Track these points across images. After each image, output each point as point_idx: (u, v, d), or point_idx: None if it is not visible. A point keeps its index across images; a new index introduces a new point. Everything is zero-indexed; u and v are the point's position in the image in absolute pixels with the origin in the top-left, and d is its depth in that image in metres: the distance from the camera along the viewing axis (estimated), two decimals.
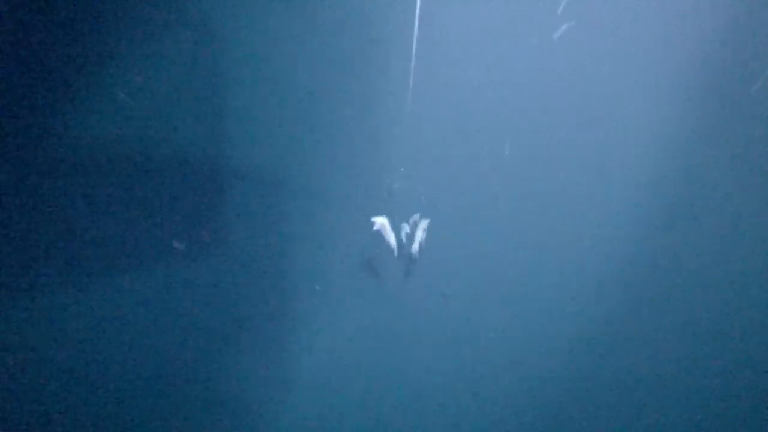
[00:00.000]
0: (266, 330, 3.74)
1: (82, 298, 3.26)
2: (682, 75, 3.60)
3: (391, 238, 3.50)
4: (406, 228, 3.56)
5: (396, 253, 3.55)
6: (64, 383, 3.30)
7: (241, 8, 3.25)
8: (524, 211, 3.71)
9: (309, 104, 3.48)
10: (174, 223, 3.38)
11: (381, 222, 3.39)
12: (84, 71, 2.99)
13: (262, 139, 3.48)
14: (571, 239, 3.74)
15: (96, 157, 3.12)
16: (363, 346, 3.82)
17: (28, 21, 2.84)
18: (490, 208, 3.68)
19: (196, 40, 3.21)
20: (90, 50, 2.97)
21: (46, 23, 2.86)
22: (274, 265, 3.68)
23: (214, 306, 3.57)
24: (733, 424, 3.80)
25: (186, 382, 3.57)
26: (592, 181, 3.71)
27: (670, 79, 3.61)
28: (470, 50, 3.48)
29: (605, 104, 3.61)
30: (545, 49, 3.50)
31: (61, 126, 3.01)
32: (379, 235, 3.51)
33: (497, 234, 3.73)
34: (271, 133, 3.49)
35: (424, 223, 3.53)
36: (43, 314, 3.18)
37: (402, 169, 3.40)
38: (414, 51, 3.17)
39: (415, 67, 3.20)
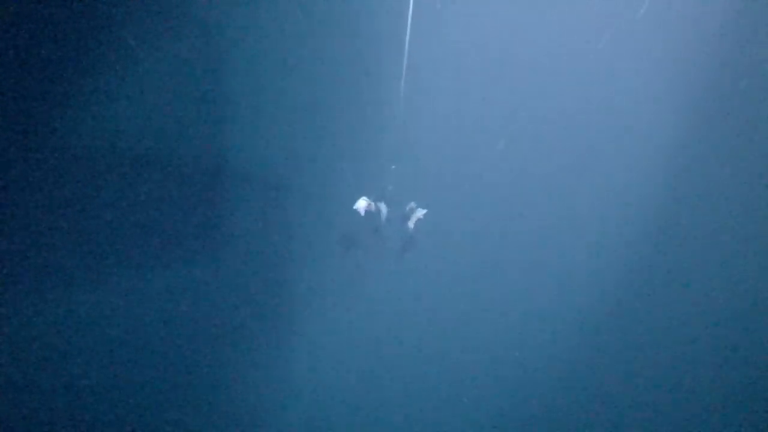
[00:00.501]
0: (268, 324, 3.81)
1: (82, 298, 3.34)
2: (681, 76, 3.57)
3: (372, 207, 3.55)
4: (404, 208, 3.59)
5: (382, 223, 3.59)
6: (66, 381, 3.39)
7: (240, 12, 3.33)
8: (520, 207, 3.71)
9: (307, 105, 3.55)
10: (176, 222, 3.46)
11: (363, 205, 3.44)
12: (86, 73, 3.09)
13: (261, 141, 3.55)
14: (567, 236, 3.72)
15: (98, 158, 3.21)
16: (362, 343, 3.86)
17: (33, 24, 2.95)
18: (483, 205, 3.70)
19: (197, 44, 3.29)
20: (94, 52, 3.08)
21: (49, 26, 2.98)
22: (274, 263, 3.74)
23: (215, 303, 3.64)
24: (732, 423, 3.73)
25: (185, 374, 3.65)
26: (589, 180, 3.69)
27: (668, 80, 3.58)
28: (465, 50, 3.50)
29: (602, 103, 3.59)
30: (541, 46, 3.50)
31: (63, 128, 3.11)
32: (374, 229, 3.55)
33: (492, 230, 3.74)
34: (269, 133, 3.56)
35: (420, 212, 3.59)
36: (43, 314, 3.27)
37: (393, 167, 3.45)
38: (407, 50, 3.22)
39: (408, 66, 3.25)
